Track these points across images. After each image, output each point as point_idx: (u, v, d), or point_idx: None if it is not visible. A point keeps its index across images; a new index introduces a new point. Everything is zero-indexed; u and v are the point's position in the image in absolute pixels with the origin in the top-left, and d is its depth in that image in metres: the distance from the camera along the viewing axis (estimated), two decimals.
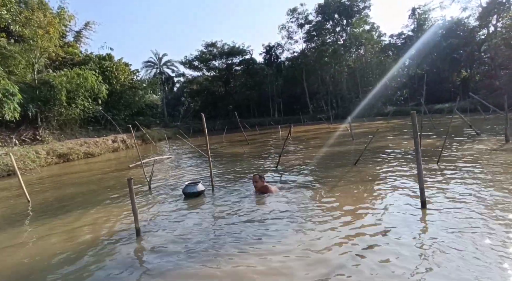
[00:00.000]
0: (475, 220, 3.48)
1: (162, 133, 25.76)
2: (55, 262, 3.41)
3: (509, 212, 3.63)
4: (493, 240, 2.96)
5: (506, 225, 3.29)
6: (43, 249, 3.84)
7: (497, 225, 3.29)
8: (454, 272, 2.48)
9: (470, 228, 3.28)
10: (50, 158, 13.73)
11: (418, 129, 4.43)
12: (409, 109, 21.35)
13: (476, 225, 3.35)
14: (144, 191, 6.65)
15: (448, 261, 2.65)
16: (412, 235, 3.27)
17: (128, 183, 3.69)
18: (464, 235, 3.14)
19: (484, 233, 3.14)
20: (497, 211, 3.69)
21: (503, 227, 3.24)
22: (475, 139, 9.92)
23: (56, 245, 3.93)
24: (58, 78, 16.58)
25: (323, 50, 40.43)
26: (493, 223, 3.37)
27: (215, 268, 2.90)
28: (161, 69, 46.31)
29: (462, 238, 3.08)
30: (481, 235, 3.11)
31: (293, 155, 10.42)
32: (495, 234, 3.08)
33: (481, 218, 3.54)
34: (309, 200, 4.85)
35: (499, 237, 3.02)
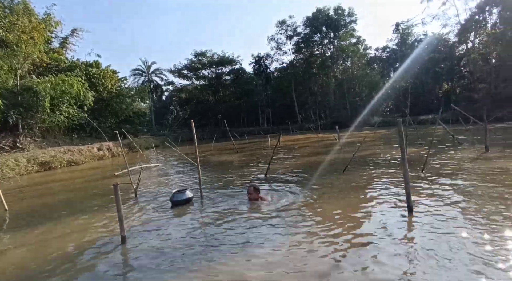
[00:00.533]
0: (458, 225, 3.55)
1: (149, 142, 25.35)
2: (35, 271, 3.24)
3: (489, 217, 3.74)
4: (474, 245, 3.03)
5: (485, 229, 3.37)
6: (20, 258, 3.65)
7: (478, 229, 3.38)
8: (435, 277, 2.51)
9: (453, 233, 3.35)
10: (30, 166, 13.22)
11: (404, 138, 4.54)
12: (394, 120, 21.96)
13: (459, 230, 3.42)
14: (131, 198, 6.47)
15: (431, 267, 2.68)
16: (398, 240, 3.30)
17: (114, 189, 3.59)
18: (448, 239, 3.19)
19: (468, 238, 3.21)
20: (477, 216, 3.79)
21: (482, 231, 3.32)
22: (457, 148, 10.25)
23: (35, 254, 3.74)
24: (42, 84, 16.16)
25: (311, 61, 41.33)
26: (474, 227, 3.45)
27: (201, 276, 2.82)
28: (150, 77, 46.04)
29: (446, 242, 3.13)
30: (464, 240, 3.17)
31: (282, 163, 10.44)
32: (475, 239, 3.16)
33: (464, 223, 3.62)
34: (297, 207, 4.84)
35: (479, 241, 3.09)
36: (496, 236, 3.19)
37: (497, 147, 9.68)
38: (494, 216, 3.76)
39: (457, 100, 31.36)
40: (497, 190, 4.85)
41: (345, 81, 41.50)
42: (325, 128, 34.25)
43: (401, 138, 4.20)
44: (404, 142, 4.24)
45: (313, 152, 13.40)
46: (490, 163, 7.27)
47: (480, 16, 29.55)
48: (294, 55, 43.76)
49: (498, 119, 17.65)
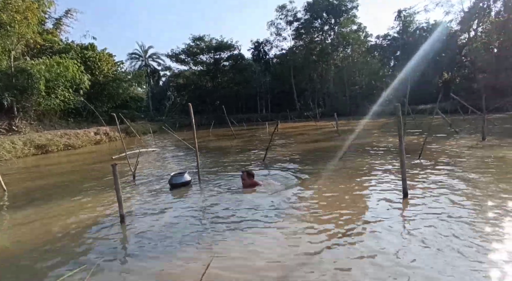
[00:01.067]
0: (451, 210, 3.61)
1: (147, 127, 25.22)
2: (37, 247, 3.28)
3: (482, 202, 3.80)
4: (465, 229, 3.09)
5: (477, 213, 3.43)
6: (20, 237, 3.68)
7: (471, 214, 3.44)
8: (428, 260, 2.56)
9: (446, 218, 3.40)
10: (27, 149, 13.15)
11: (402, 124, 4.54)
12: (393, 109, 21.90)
13: (452, 214, 3.48)
14: (129, 181, 6.49)
15: (421, 249, 2.74)
16: (392, 223, 3.35)
17: (113, 168, 3.58)
18: (440, 222, 3.25)
19: (458, 222, 3.27)
20: (471, 201, 3.85)
21: (474, 215, 3.38)
22: (454, 137, 10.30)
23: (37, 231, 3.78)
24: (37, 66, 15.86)
25: (311, 48, 40.73)
26: (468, 212, 3.51)
27: (198, 254, 2.87)
28: (147, 62, 45.25)
29: (437, 225, 3.18)
30: (456, 224, 3.23)
31: (280, 149, 10.46)
32: (467, 223, 3.21)
33: (457, 207, 3.67)
34: (294, 191, 4.88)
35: (470, 225, 3.15)
36: (486, 220, 3.25)
37: (494, 136, 9.74)
38: (486, 201, 3.82)
39: (456, 90, 31.24)
40: (490, 177, 4.91)
41: (345, 69, 41.08)
42: (324, 116, 34.17)
43: (399, 122, 4.20)
44: (402, 128, 4.25)
45: (311, 139, 13.42)
46: (485, 151, 7.33)
47: (484, 3, 29.02)
48: (294, 41, 43.07)
49: (496, 109, 17.68)
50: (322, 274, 2.38)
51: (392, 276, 2.29)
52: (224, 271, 2.51)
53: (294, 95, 42.42)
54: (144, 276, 2.50)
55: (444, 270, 2.32)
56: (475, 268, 2.34)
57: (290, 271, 2.45)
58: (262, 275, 2.42)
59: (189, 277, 2.47)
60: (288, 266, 2.54)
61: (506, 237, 2.81)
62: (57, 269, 2.77)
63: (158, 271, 2.59)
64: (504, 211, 3.43)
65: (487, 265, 2.36)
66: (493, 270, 2.29)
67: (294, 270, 2.46)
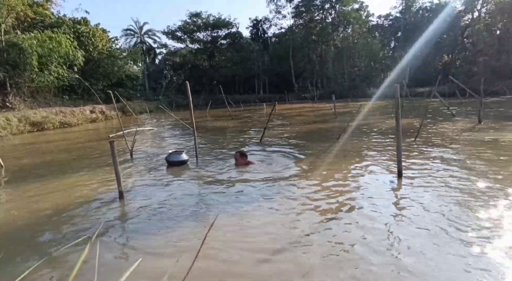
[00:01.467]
0: (443, 189, 3.71)
1: (143, 106, 24.96)
2: (35, 222, 3.35)
3: (474, 183, 3.90)
4: (456, 210, 3.19)
5: (468, 193, 3.53)
6: (19, 211, 3.74)
7: (462, 194, 3.54)
8: (418, 239, 2.67)
9: (438, 198, 3.50)
10: (22, 126, 13.04)
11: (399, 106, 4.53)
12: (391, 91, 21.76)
13: (444, 193, 3.58)
14: (126, 160, 6.52)
15: (411, 228, 2.84)
16: (386, 201, 3.45)
17: (110, 145, 3.59)
18: (432, 203, 3.35)
19: (450, 202, 3.37)
20: (463, 182, 3.95)
21: (466, 196, 3.49)
22: (451, 120, 10.37)
23: (35, 206, 3.83)
24: (28, 41, 15.32)
25: (311, 27, 39.66)
26: (460, 193, 3.61)
27: (195, 229, 2.95)
28: (142, 39, 43.96)
29: (429, 206, 3.28)
30: (447, 204, 3.33)
31: (277, 130, 10.48)
32: (458, 203, 3.32)
33: (449, 187, 3.77)
34: (290, 171, 4.95)
35: (460, 205, 3.25)
36: (477, 200, 3.34)
37: (490, 119, 9.82)
38: (477, 182, 3.92)
39: (456, 73, 30.99)
40: (483, 159, 5.00)
41: (344, 50, 40.28)
42: (322, 98, 33.93)
43: (397, 103, 4.20)
44: (399, 109, 4.25)
45: (308, 121, 13.42)
46: (481, 133, 7.41)
47: None
48: (294, 20, 41.82)
49: (494, 93, 17.67)
50: (315, 249, 2.48)
51: (382, 255, 2.39)
52: (219, 248, 2.59)
53: (292, 77, 41.82)
54: (142, 251, 2.57)
55: (432, 250, 2.43)
56: (462, 249, 2.44)
57: (283, 248, 2.54)
58: (256, 252, 2.51)
59: (187, 251, 2.55)
60: (282, 243, 2.62)
61: (495, 217, 2.91)
62: (54, 243, 2.83)
63: (156, 245, 2.66)
64: (495, 192, 3.53)
65: (475, 246, 2.47)
66: (481, 251, 2.40)
67: (286, 248, 2.56)
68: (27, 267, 2.25)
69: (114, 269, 2.27)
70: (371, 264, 2.20)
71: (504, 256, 2.22)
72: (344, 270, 2.14)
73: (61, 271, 2.31)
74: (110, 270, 2.26)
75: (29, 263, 2.44)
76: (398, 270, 2.11)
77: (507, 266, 2.10)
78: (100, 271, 2.18)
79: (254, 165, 5.29)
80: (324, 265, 2.22)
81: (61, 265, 2.40)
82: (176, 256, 2.38)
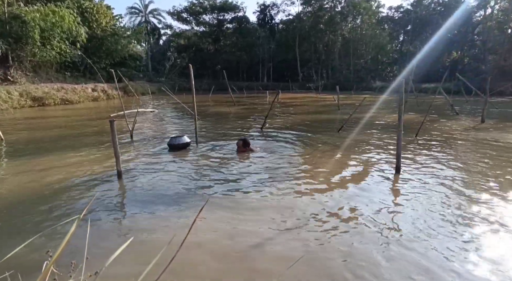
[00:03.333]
0: (440, 186, 3.73)
1: (145, 87, 24.78)
2: (33, 197, 3.39)
3: (471, 180, 3.91)
4: (453, 204, 3.21)
5: (465, 191, 3.55)
6: (18, 186, 3.78)
7: (458, 191, 3.56)
8: (413, 232, 2.70)
9: (434, 194, 3.53)
10: (23, 100, 13.01)
11: (403, 101, 4.49)
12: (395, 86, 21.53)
13: (440, 190, 3.60)
14: (127, 140, 6.53)
15: (407, 222, 2.87)
16: (382, 195, 3.47)
17: (111, 124, 3.59)
18: (427, 200, 3.38)
19: (446, 199, 3.39)
20: (460, 180, 3.97)
21: (462, 193, 3.51)
22: (454, 118, 10.30)
23: (33, 182, 3.87)
24: (31, 14, 15.06)
25: (319, 15, 38.78)
26: (455, 189, 3.63)
27: (190, 212, 2.98)
28: (147, 18, 43.04)
29: (424, 202, 3.31)
30: (443, 198, 3.35)
31: (279, 118, 10.45)
32: (455, 200, 3.34)
33: (445, 184, 3.79)
34: (290, 160, 4.97)
35: (457, 201, 3.28)
36: (472, 197, 3.37)
37: (493, 119, 9.75)
38: (476, 180, 3.93)
39: (463, 70, 30.55)
40: (482, 159, 5.00)
41: (352, 41, 39.56)
42: (326, 89, 33.62)
43: (401, 98, 4.16)
44: (403, 104, 4.22)
45: (311, 111, 13.35)
46: (482, 133, 7.39)
47: None
48: (302, 7, 40.86)
49: (499, 93, 17.48)
50: (307, 240, 2.52)
51: (376, 246, 2.42)
52: (213, 231, 2.64)
53: (298, 65, 41.28)
54: (135, 230, 2.60)
55: (426, 245, 2.46)
56: (455, 245, 2.47)
57: (277, 236, 2.58)
58: (251, 236, 2.55)
59: (181, 229, 2.59)
60: (276, 231, 2.66)
61: (492, 216, 2.94)
62: (49, 219, 2.85)
63: (150, 225, 2.69)
64: (491, 191, 3.55)
65: (467, 242, 2.50)
66: (472, 245, 2.43)
67: (280, 235, 2.59)
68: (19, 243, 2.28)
69: (105, 247, 2.29)
70: (361, 258, 2.24)
71: (499, 252, 2.26)
72: (336, 261, 2.18)
73: (55, 247, 2.31)
74: (101, 247, 2.28)
75: (22, 238, 2.46)
76: (390, 264, 2.15)
77: (500, 262, 2.14)
78: (91, 249, 2.19)
79: (255, 152, 5.31)
80: (312, 257, 2.26)
81: (55, 241, 2.42)
82: (169, 237, 2.39)
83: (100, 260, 1.21)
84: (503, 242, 2.43)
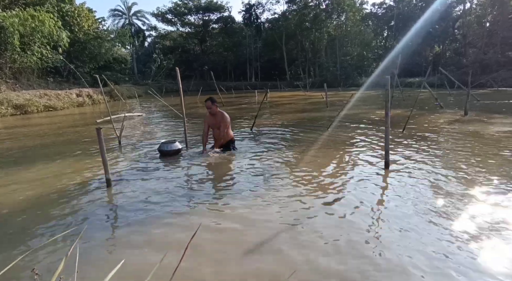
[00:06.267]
0: (429, 181, 3.82)
1: (132, 91, 24.39)
2: (17, 211, 3.27)
3: (457, 173, 4.03)
4: (441, 199, 3.30)
5: (455, 184, 3.65)
6: (5, 197, 3.65)
7: (448, 184, 3.66)
8: (401, 229, 2.76)
9: (423, 188, 3.61)
10: (4, 109, 12.59)
11: (389, 97, 4.58)
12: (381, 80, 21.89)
13: (429, 184, 3.69)
14: (114, 147, 6.41)
15: (396, 218, 2.93)
16: (372, 191, 3.53)
17: (97, 132, 3.51)
18: (416, 194, 3.45)
19: (434, 192, 3.48)
20: (449, 172, 4.07)
21: (450, 185, 3.60)
22: (439, 112, 10.57)
23: (17, 194, 3.75)
24: (9, 19, 14.57)
25: (304, 13, 39.11)
26: (443, 183, 3.73)
27: (184, 221, 2.96)
28: (131, 20, 42.37)
29: (414, 197, 3.38)
30: (432, 193, 3.44)
31: (268, 118, 10.47)
32: (443, 193, 3.43)
33: (435, 178, 3.89)
34: (280, 160, 4.99)
35: (445, 194, 3.37)
36: (458, 191, 3.46)
37: (475, 111, 10.07)
38: (461, 172, 4.05)
39: (445, 64, 31.35)
40: (468, 150, 5.15)
41: (337, 38, 40.04)
42: (313, 87, 33.91)
43: (388, 95, 4.24)
44: (389, 101, 4.29)
45: (300, 109, 13.44)
46: (466, 125, 7.62)
47: None
48: (287, 5, 41.11)
49: (480, 85, 18.03)
50: (297, 238, 2.54)
51: (364, 244, 2.46)
52: (211, 240, 2.62)
53: (285, 64, 41.49)
54: (127, 245, 2.50)
55: (413, 242, 2.52)
56: (442, 238, 2.54)
57: (274, 236, 2.59)
58: (240, 244, 2.55)
59: (175, 244, 2.56)
60: (272, 232, 2.67)
61: (478, 208, 3.03)
62: (35, 236, 2.72)
63: (144, 237, 2.62)
64: (478, 183, 3.66)
65: (455, 236, 2.57)
66: (461, 242, 2.50)
67: (277, 235, 2.60)
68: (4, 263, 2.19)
69: (96, 265, 2.19)
70: (352, 255, 2.27)
71: (485, 246, 2.33)
72: (326, 259, 2.20)
73: (42, 265, 2.20)
74: (93, 266, 2.18)
75: (6, 257, 2.37)
76: (375, 264, 2.19)
77: (486, 257, 2.20)
78: (81, 267, 2.06)
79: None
80: (306, 260, 2.28)
81: (42, 259, 2.31)
82: (162, 253, 2.31)
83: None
84: (495, 239, 2.50)
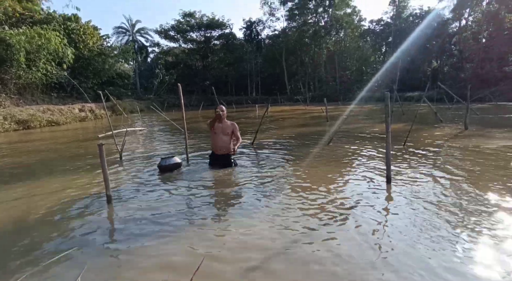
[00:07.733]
0: (431, 197, 3.80)
1: (134, 105, 24.66)
2: (18, 228, 3.26)
3: (459, 187, 4.01)
4: (444, 214, 3.27)
5: (457, 199, 3.63)
6: (2, 214, 3.64)
7: (447, 201, 3.63)
8: (403, 243, 2.73)
9: (426, 204, 3.59)
10: (7, 124, 12.70)
11: (389, 112, 4.63)
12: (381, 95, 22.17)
13: (432, 199, 3.66)
14: (116, 161, 6.42)
15: (400, 232, 2.90)
16: (374, 207, 3.51)
17: (99, 148, 3.54)
18: (419, 210, 3.43)
19: (437, 209, 3.46)
20: (451, 187, 4.06)
21: (452, 200, 3.58)
22: (439, 126, 10.62)
23: (18, 210, 3.73)
24: (16, 37, 14.97)
25: (304, 30, 40.09)
26: (444, 199, 3.71)
27: (188, 239, 2.93)
28: (134, 37, 43.46)
29: (417, 212, 3.36)
30: (435, 209, 3.41)
31: (269, 132, 10.52)
32: (445, 210, 3.41)
33: (437, 193, 3.87)
34: (281, 175, 4.98)
35: (447, 210, 3.34)
36: (462, 205, 3.44)
37: (475, 125, 10.10)
38: (462, 186, 4.03)
39: (444, 78, 31.78)
40: (468, 165, 5.15)
41: (336, 53, 40.81)
42: (313, 101, 34.25)
43: (387, 111, 4.29)
44: (389, 116, 4.34)
45: (300, 124, 13.52)
46: (467, 140, 7.63)
47: None
48: (287, 22, 42.22)
49: (479, 99, 18.20)
50: (300, 255, 2.51)
51: (369, 260, 2.43)
52: (217, 259, 2.59)
53: (285, 79, 42.11)
54: (129, 267, 2.45)
55: (418, 258, 2.48)
56: (445, 254, 2.51)
57: (276, 254, 2.56)
58: (254, 260, 2.52)
59: (177, 269, 2.53)
60: (275, 249, 2.64)
61: (479, 224, 3.00)
62: (39, 252, 2.71)
63: (147, 256, 2.58)
64: (479, 198, 3.64)
65: (461, 251, 2.54)
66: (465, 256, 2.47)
67: (279, 253, 2.57)
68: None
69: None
70: (354, 272, 2.24)
71: (487, 264, 2.29)
72: (325, 276, 2.17)
73: None
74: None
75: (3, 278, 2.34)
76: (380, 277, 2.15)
77: (488, 276, 2.17)
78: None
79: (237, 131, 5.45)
80: (306, 273, 2.25)
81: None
82: (165, 275, 2.27)
83: None
84: (497, 253, 2.47)
